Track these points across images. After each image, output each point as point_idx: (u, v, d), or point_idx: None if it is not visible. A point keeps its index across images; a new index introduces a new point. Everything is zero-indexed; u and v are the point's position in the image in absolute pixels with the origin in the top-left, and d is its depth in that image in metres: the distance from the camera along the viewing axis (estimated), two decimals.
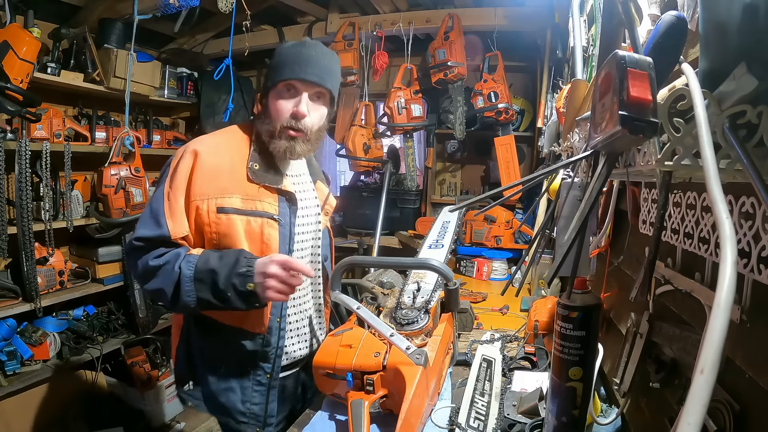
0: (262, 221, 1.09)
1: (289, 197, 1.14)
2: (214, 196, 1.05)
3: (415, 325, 1.05)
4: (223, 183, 1.06)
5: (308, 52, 1.08)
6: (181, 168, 1.05)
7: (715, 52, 0.42)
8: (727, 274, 0.30)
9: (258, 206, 1.08)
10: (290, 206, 1.14)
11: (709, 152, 0.35)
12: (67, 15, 2.44)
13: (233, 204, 1.06)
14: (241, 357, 1.13)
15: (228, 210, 1.06)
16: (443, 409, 1.02)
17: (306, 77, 1.07)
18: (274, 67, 1.09)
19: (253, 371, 1.14)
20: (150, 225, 1.04)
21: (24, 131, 2.07)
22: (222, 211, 1.05)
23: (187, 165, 1.05)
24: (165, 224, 1.03)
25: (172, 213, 1.04)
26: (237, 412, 1.14)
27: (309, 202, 1.23)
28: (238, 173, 1.08)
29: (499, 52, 2.61)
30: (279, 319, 1.14)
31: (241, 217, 1.07)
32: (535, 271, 2.00)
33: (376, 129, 3.06)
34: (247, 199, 1.07)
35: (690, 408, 0.28)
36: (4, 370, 2.01)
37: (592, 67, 1.13)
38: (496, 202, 1.15)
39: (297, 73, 1.07)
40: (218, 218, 1.05)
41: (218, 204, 1.05)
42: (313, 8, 2.86)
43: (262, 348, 1.13)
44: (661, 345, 0.75)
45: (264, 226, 1.09)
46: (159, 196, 1.06)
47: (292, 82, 1.08)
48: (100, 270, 2.46)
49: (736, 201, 0.51)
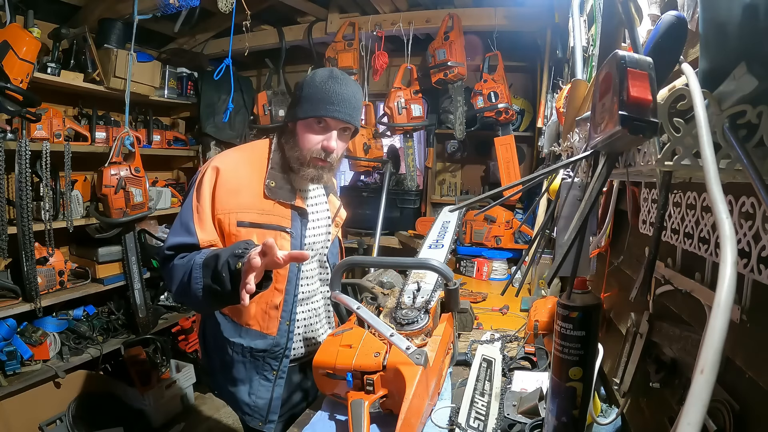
0: (275, 233, 1.16)
1: (301, 212, 1.22)
2: (234, 211, 1.13)
3: (415, 325, 1.05)
4: (242, 199, 1.15)
5: (341, 90, 1.14)
6: (205, 183, 1.13)
7: (715, 52, 0.42)
8: (727, 274, 0.30)
9: (272, 220, 1.17)
10: (302, 219, 1.22)
11: (709, 152, 0.35)
12: (67, 15, 2.44)
13: (251, 218, 1.15)
14: (250, 352, 1.20)
15: (245, 224, 1.14)
16: (443, 409, 1.02)
17: (339, 117, 1.14)
18: (306, 99, 1.14)
19: (261, 366, 1.21)
20: (181, 234, 1.11)
21: (24, 131, 2.07)
22: (241, 225, 1.14)
23: (210, 180, 1.14)
24: (195, 233, 1.10)
25: (201, 223, 1.12)
26: (243, 403, 1.22)
27: (321, 215, 1.31)
28: (256, 190, 1.17)
29: (499, 52, 2.61)
30: (288, 323, 1.20)
31: (257, 230, 1.15)
32: (535, 271, 2.00)
33: (376, 129, 3.06)
34: (262, 213, 1.16)
35: (690, 408, 0.28)
36: (4, 370, 2.01)
37: (592, 67, 1.13)
38: (496, 202, 1.15)
39: (331, 112, 1.13)
40: (238, 230, 1.13)
41: (238, 218, 1.13)
42: (313, 8, 2.86)
43: (271, 347, 1.20)
44: (661, 345, 0.75)
45: (277, 238, 1.14)
46: (188, 209, 1.13)
47: (325, 119, 1.14)
48: (100, 270, 2.46)
49: (736, 201, 0.51)
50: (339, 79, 1.15)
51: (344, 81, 1.15)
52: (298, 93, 1.16)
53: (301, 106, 1.15)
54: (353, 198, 3.22)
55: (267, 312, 1.19)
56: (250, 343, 1.20)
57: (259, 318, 1.19)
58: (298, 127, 1.17)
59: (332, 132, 1.16)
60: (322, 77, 1.15)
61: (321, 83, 1.13)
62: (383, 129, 3.00)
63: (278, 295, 1.19)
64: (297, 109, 1.16)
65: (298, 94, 1.16)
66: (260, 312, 1.19)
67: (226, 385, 1.24)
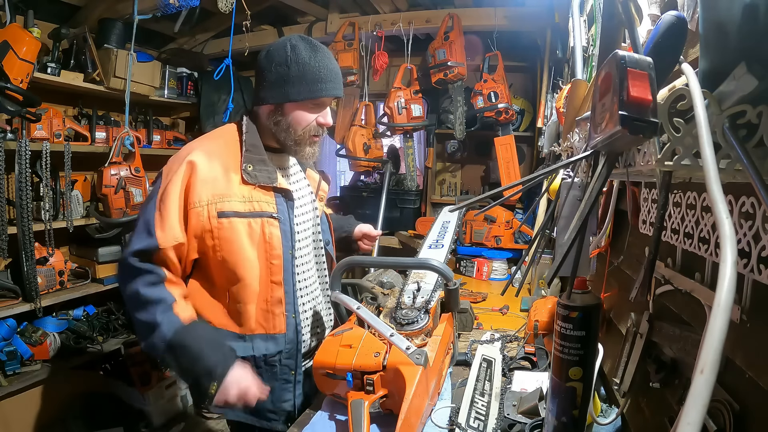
0: (262, 221, 1.10)
1: (285, 194, 1.15)
2: (213, 201, 1.05)
3: (415, 325, 1.05)
4: (220, 188, 1.07)
5: (330, 64, 1.10)
6: (176, 179, 1.05)
7: (715, 52, 0.42)
8: (727, 274, 0.30)
9: (256, 207, 1.09)
10: (287, 202, 1.15)
11: (709, 152, 0.35)
12: (67, 15, 2.44)
13: (233, 207, 1.07)
14: (264, 361, 1.14)
15: (228, 214, 1.06)
16: (443, 409, 1.02)
17: (336, 93, 1.12)
18: (296, 79, 1.07)
19: (279, 372, 1.16)
20: (142, 237, 1.04)
21: (24, 131, 2.07)
22: (223, 216, 1.06)
23: (182, 176, 1.05)
24: (155, 234, 1.02)
25: (162, 222, 1.03)
26: (266, 411, 1.16)
27: (303, 192, 1.25)
28: (233, 177, 1.09)
29: (499, 52, 2.61)
30: (294, 315, 1.15)
31: (241, 219, 1.08)
32: (535, 271, 2.00)
33: (376, 129, 3.06)
34: (245, 201, 1.08)
35: (690, 408, 0.28)
36: (4, 370, 2.01)
37: (592, 67, 1.13)
38: (496, 202, 1.15)
39: (329, 91, 1.10)
40: (220, 223, 1.06)
41: (218, 209, 1.05)
42: (313, 8, 2.86)
43: (285, 346, 1.15)
44: (661, 345, 0.75)
45: (265, 226, 1.10)
46: (151, 208, 1.06)
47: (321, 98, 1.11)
48: (100, 270, 2.45)
49: (736, 201, 0.51)
50: (324, 52, 1.10)
51: (327, 53, 1.11)
52: (282, 70, 1.07)
53: (294, 87, 1.07)
54: (353, 198, 3.22)
55: (269, 311, 1.12)
56: (261, 352, 1.12)
57: (261, 320, 1.12)
58: (288, 108, 1.10)
59: (326, 107, 1.14)
60: (307, 52, 1.07)
61: (309, 60, 1.07)
62: (383, 129, 3.00)
63: (278, 289, 1.12)
64: (288, 90, 1.08)
65: (284, 72, 1.07)
66: (261, 313, 1.12)
67: None
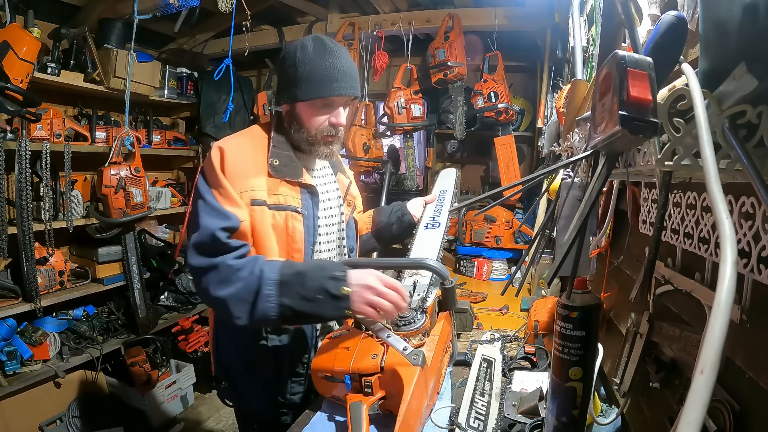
0: (286, 214, 1.11)
1: (311, 190, 1.16)
2: (246, 189, 1.07)
3: (412, 325, 1.04)
4: (250, 179, 1.08)
5: (341, 64, 1.08)
6: (214, 164, 1.06)
7: (715, 52, 0.42)
8: (727, 274, 0.30)
9: (281, 200, 1.11)
10: (312, 198, 1.16)
11: (709, 152, 0.35)
12: (67, 15, 2.44)
13: (262, 197, 1.09)
14: (278, 354, 1.15)
15: (259, 202, 1.08)
16: (443, 409, 1.02)
17: (346, 93, 1.10)
18: (304, 79, 1.07)
19: (291, 365, 1.17)
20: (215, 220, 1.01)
21: (24, 131, 2.07)
22: (255, 203, 1.07)
23: (216, 160, 1.06)
24: (230, 214, 1.01)
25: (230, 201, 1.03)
26: (277, 404, 1.18)
27: (331, 194, 1.25)
28: (261, 170, 1.11)
29: (499, 52, 2.61)
30: None
31: (269, 210, 1.09)
32: (535, 271, 2.00)
33: (376, 129, 3.06)
34: (271, 194, 1.10)
35: (690, 408, 0.28)
36: (4, 370, 2.01)
37: (592, 67, 1.13)
38: (496, 202, 1.15)
39: (337, 90, 1.09)
40: (253, 210, 1.07)
41: (251, 197, 1.07)
42: (313, 8, 2.86)
43: (299, 342, 1.16)
44: (661, 345, 0.74)
45: (288, 219, 1.11)
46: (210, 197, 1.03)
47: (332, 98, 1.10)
48: (100, 270, 2.46)
49: (736, 201, 0.51)
50: (334, 52, 1.09)
51: (339, 52, 1.10)
52: (292, 72, 1.08)
53: (301, 88, 1.08)
54: None
55: None
56: (275, 344, 1.14)
57: None
58: (299, 108, 1.12)
59: (339, 107, 1.13)
60: (316, 52, 1.08)
61: (317, 59, 1.07)
62: (383, 129, 3.00)
63: None
64: (296, 90, 1.09)
65: (293, 73, 1.08)
66: None
67: (252, 395, 1.19)
